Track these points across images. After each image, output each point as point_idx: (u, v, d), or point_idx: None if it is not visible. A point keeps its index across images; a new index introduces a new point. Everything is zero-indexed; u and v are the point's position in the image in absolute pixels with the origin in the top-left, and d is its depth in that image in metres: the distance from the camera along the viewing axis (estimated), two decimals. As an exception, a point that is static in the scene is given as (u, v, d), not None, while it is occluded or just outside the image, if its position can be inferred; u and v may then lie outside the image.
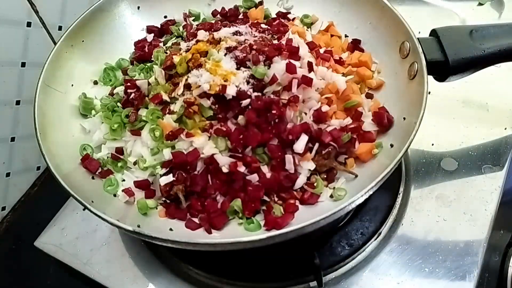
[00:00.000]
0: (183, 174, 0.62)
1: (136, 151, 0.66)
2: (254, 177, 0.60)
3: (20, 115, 0.87)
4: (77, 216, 0.80)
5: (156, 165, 0.64)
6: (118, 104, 0.71)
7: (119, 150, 0.67)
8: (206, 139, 0.62)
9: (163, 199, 0.64)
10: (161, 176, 0.63)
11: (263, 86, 0.62)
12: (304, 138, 0.61)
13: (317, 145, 0.62)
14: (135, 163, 0.66)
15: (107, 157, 0.68)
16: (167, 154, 0.63)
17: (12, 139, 0.88)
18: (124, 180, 0.66)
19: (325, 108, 0.65)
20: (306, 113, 0.64)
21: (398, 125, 0.64)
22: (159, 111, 0.65)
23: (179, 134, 0.63)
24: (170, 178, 0.62)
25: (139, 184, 0.65)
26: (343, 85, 0.67)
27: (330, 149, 0.62)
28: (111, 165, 0.67)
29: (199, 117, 0.63)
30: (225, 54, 0.64)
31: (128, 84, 0.70)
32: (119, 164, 0.67)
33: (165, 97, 0.65)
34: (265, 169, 0.61)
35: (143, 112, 0.67)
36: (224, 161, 0.60)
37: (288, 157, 0.60)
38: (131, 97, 0.69)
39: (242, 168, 0.60)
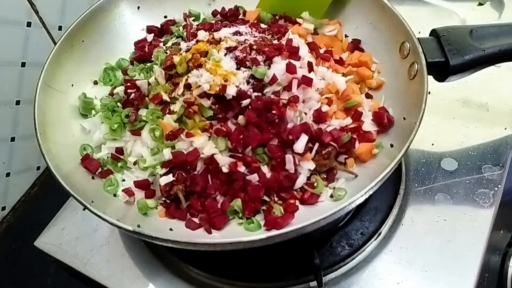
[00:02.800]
0: (183, 174, 0.62)
1: (136, 151, 0.66)
2: (254, 177, 0.60)
3: (20, 115, 0.87)
4: (77, 216, 0.80)
5: (156, 165, 0.64)
6: (118, 104, 0.70)
7: (119, 150, 0.67)
8: (206, 139, 0.62)
9: (163, 199, 0.64)
10: (161, 176, 0.63)
11: (263, 86, 0.62)
12: (304, 138, 0.61)
13: (317, 145, 0.62)
14: (135, 163, 0.66)
15: (107, 157, 0.68)
16: (167, 154, 0.63)
17: (12, 139, 0.88)
18: (124, 180, 0.66)
19: (325, 108, 0.65)
20: (306, 113, 0.64)
21: (398, 125, 0.64)
22: (159, 111, 0.65)
23: (179, 134, 0.63)
24: (170, 178, 0.62)
25: (139, 184, 0.65)
26: (343, 85, 0.67)
27: (330, 149, 0.62)
28: (111, 165, 0.67)
29: (199, 117, 0.63)
30: (225, 54, 0.64)
31: (128, 84, 0.69)
32: (119, 164, 0.67)
33: (165, 97, 0.65)
34: (265, 169, 0.61)
35: (143, 112, 0.66)
36: (224, 161, 0.60)
37: (288, 157, 0.60)
38: (131, 97, 0.69)
39: (242, 168, 0.60)
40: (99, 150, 0.69)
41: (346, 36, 0.77)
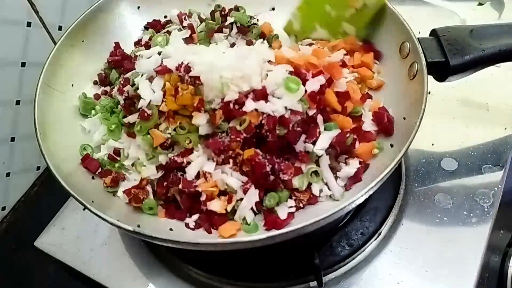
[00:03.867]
0: (177, 175, 0.61)
1: (132, 154, 0.66)
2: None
3: (20, 115, 0.87)
4: (77, 216, 0.80)
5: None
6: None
7: (117, 152, 0.67)
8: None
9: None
10: (157, 180, 0.63)
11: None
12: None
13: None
14: (133, 165, 0.66)
15: (106, 157, 0.68)
16: (163, 159, 0.62)
17: (12, 139, 0.88)
18: (123, 180, 0.66)
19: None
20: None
21: (398, 125, 0.64)
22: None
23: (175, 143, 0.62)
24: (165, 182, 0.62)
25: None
26: (344, 86, 0.67)
27: (329, 150, 0.62)
28: (109, 165, 0.67)
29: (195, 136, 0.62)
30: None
31: (121, 84, 0.69)
32: (117, 165, 0.67)
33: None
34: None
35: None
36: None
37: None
38: (121, 103, 0.68)
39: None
40: (99, 150, 0.69)
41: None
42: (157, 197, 0.63)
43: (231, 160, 0.60)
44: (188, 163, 0.61)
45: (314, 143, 0.61)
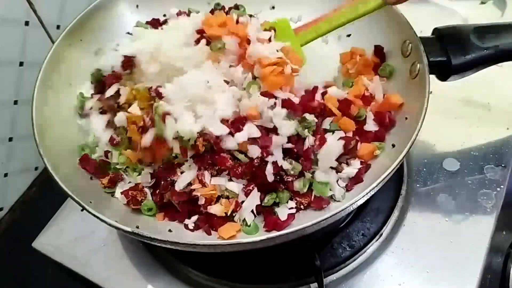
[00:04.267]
0: (167, 180, 0.60)
1: (120, 159, 0.65)
2: None
3: (18, 115, 0.87)
4: (76, 217, 0.79)
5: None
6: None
7: (107, 154, 0.66)
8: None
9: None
10: (149, 187, 0.62)
11: None
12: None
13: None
14: (125, 169, 0.65)
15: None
16: (149, 170, 0.62)
17: (10, 139, 0.87)
18: (121, 181, 0.65)
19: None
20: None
21: (400, 125, 0.64)
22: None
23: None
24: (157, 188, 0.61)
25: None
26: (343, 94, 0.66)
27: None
28: (105, 166, 0.66)
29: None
30: None
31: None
32: (112, 166, 0.66)
33: None
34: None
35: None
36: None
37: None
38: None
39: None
40: (97, 150, 0.68)
41: (348, 35, 0.76)
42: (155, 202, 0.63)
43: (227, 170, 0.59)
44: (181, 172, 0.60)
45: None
